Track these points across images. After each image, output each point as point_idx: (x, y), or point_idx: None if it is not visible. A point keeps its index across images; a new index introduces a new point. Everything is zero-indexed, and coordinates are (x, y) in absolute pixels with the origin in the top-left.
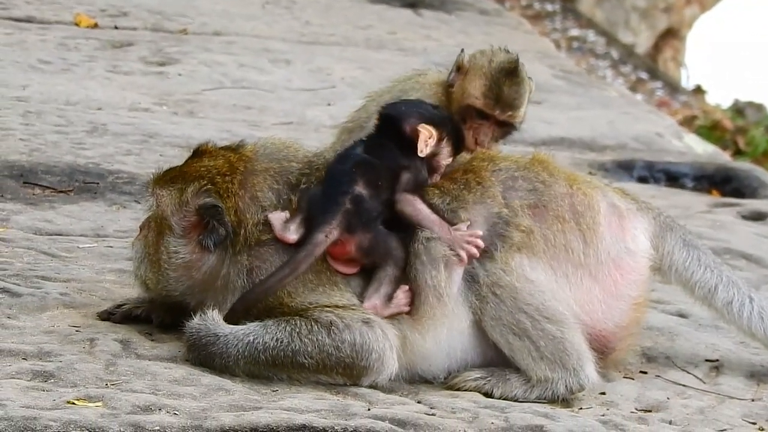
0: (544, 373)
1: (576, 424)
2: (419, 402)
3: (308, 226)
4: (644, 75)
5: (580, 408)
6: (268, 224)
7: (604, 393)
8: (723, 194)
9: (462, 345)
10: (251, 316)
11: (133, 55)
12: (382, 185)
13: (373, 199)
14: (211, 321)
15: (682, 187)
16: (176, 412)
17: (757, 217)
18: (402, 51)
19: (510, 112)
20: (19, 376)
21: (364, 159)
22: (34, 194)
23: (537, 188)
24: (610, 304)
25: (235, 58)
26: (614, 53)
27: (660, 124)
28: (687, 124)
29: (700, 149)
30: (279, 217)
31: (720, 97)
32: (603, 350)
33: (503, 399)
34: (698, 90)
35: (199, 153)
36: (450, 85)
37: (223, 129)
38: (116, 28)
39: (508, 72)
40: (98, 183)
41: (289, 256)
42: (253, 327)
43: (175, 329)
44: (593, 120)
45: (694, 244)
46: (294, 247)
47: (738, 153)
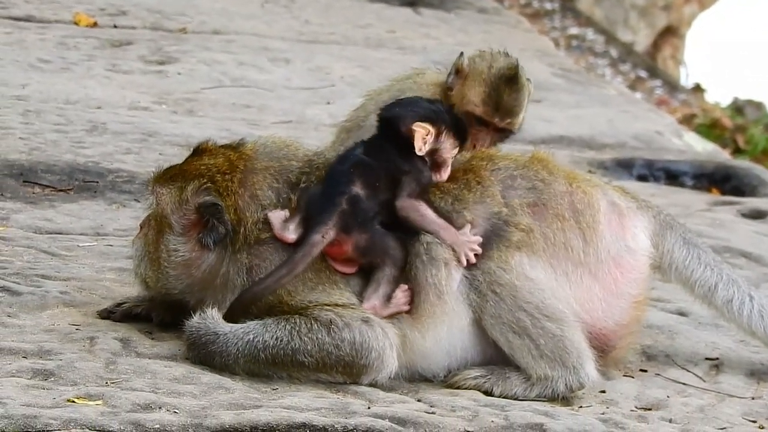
0: (544, 371)
1: (576, 423)
2: (419, 400)
3: (307, 226)
4: (643, 73)
5: (580, 406)
6: (267, 223)
7: (604, 391)
8: (722, 192)
9: (462, 343)
10: (251, 314)
11: (133, 54)
12: (380, 186)
13: (371, 199)
14: (211, 319)
15: (681, 185)
16: (176, 411)
17: (756, 215)
18: (401, 50)
19: (509, 120)
20: (20, 375)
21: (362, 160)
22: (33, 193)
23: (536, 187)
24: (610, 303)
25: (234, 57)
26: (613, 51)
27: (659, 123)
28: (686, 122)
29: (700, 147)
30: (278, 216)
31: (719, 95)
32: (603, 348)
33: (503, 397)
34: (697, 88)
35: (199, 151)
36: (449, 88)
37: (222, 128)
38: (115, 27)
39: (508, 79)
40: (98, 182)
41: (288, 255)
42: (252, 325)
43: (175, 328)
44: (592, 118)
45: (694, 243)
46: (293, 246)
47: (737, 151)
